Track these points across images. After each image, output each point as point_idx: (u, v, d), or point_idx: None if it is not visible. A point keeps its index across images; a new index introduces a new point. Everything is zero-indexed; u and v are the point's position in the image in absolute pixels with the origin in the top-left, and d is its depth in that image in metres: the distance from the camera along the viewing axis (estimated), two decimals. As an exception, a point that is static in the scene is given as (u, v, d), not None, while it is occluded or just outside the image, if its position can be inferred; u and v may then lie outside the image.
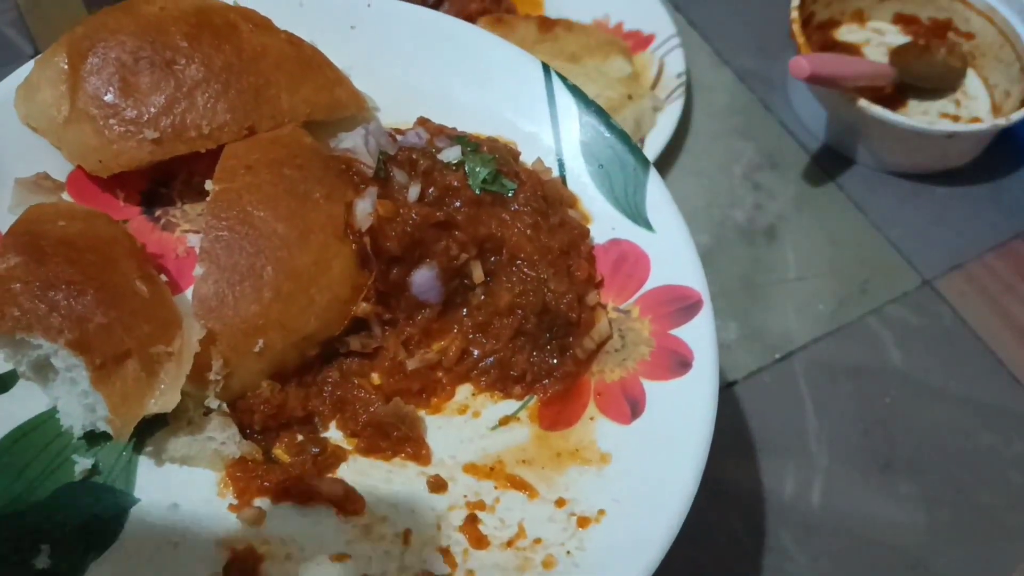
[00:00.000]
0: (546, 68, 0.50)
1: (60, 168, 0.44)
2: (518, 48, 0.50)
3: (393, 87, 0.50)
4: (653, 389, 0.44)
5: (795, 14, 0.76)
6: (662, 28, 0.79)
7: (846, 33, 0.85)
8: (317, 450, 0.42)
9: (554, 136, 0.50)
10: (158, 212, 0.46)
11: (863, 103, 0.72)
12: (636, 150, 0.49)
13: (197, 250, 0.44)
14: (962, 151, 0.77)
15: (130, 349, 0.37)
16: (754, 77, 0.83)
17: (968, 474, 0.63)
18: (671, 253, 0.46)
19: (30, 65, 0.44)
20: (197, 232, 0.47)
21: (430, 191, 0.44)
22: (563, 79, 0.50)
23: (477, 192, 0.45)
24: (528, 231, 0.45)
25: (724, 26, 0.85)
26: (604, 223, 0.48)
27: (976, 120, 0.79)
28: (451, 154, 0.46)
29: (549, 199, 0.47)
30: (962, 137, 0.73)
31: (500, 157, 0.46)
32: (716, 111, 0.77)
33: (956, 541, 0.60)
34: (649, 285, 0.46)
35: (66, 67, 0.43)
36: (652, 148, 0.73)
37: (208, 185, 0.42)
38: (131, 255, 0.40)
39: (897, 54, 0.82)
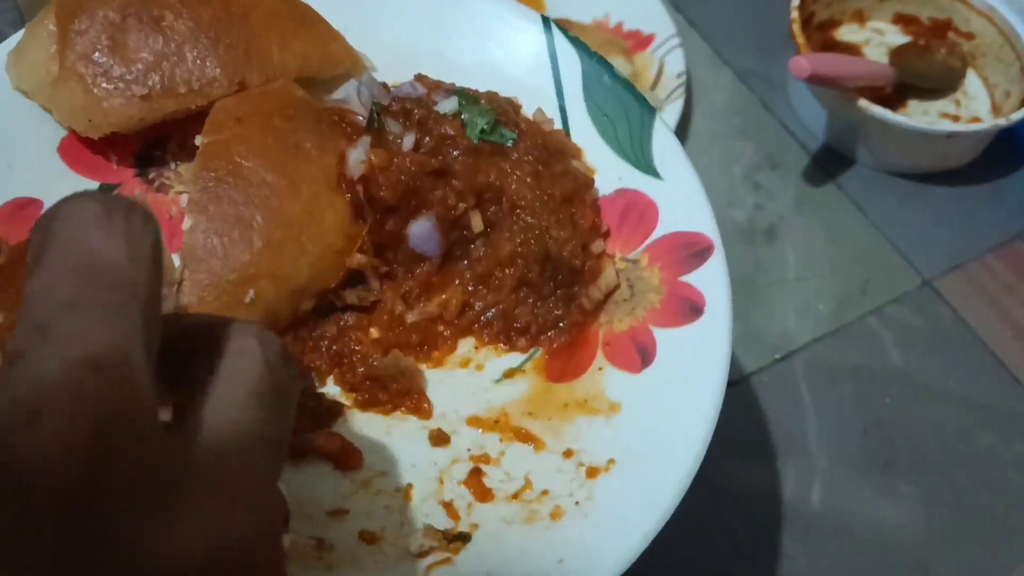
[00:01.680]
0: (546, 21, 0.49)
1: (53, 132, 0.44)
2: (517, 3, 0.49)
3: (390, 46, 0.48)
4: (664, 336, 0.42)
5: (795, 14, 0.76)
6: (662, 28, 0.79)
7: (846, 33, 0.85)
8: (314, 405, 0.41)
9: (556, 88, 0.48)
10: (152, 174, 0.46)
11: (863, 103, 0.72)
12: (640, 97, 0.47)
13: None
14: (962, 151, 0.77)
15: None
16: (754, 77, 0.83)
17: (968, 474, 0.63)
18: (680, 200, 0.44)
19: (22, 32, 0.45)
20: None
21: (425, 140, 0.43)
22: (563, 31, 0.48)
23: (475, 142, 0.43)
24: (529, 179, 0.43)
25: (724, 26, 0.85)
26: (609, 173, 0.46)
27: (976, 120, 0.79)
28: (447, 105, 0.44)
29: (551, 149, 0.45)
30: (962, 137, 0.73)
31: (499, 108, 0.45)
32: (716, 111, 0.77)
33: (956, 541, 0.60)
34: (657, 233, 0.45)
35: (54, 28, 0.42)
36: None
37: (198, 140, 0.41)
38: None
39: (897, 54, 0.82)
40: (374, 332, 0.43)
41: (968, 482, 0.62)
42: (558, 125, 0.47)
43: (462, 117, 0.43)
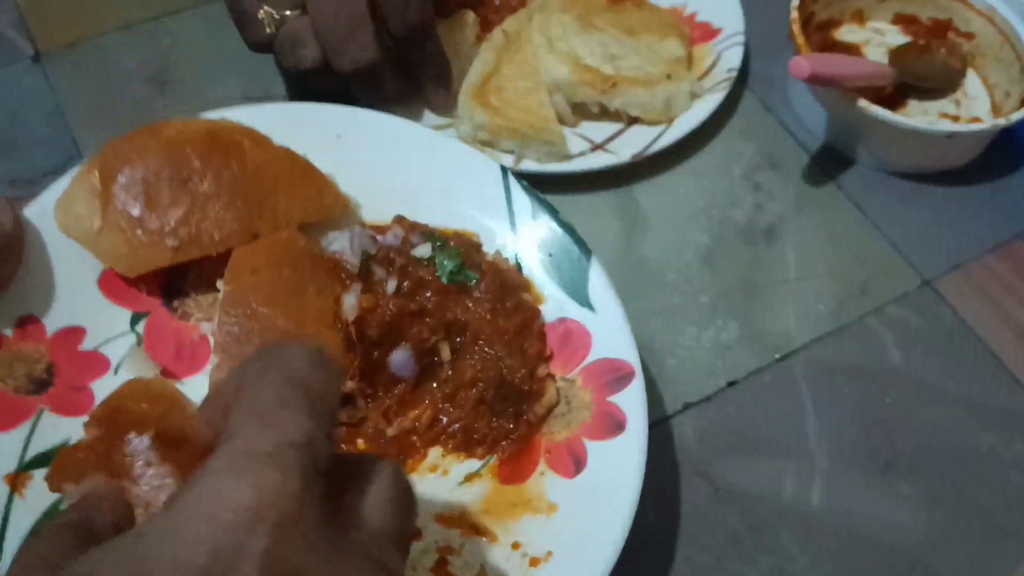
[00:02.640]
0: (504, 170, 0.58)
1: (93, 266, 0.53)
2: (480, 154, 0.59)
3: (373, 187, 0.57)
4: (593, 447, 0.51)
5: (795, 14, 0.76)
6: (731, 24, 0.81)
7: (846, 33, 0.85)
8: None
9: (512, 229, 0.57)
10: (175, 303, 0.55)
11: (863, 103, 0.72)
12: (580, 241, 0.56)
13: (209, 336, 0.54)
14: (962, 151, 0.77)
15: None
16: (754, 77, 0.83)
17: (968, 474, 0.63)
18: (609, 331, 0.54)
19: (66, 180, 0.53)
20: (208, 320, 0.54)
21: (405, 284, 0.52)
22: (519, 180, 0.58)
23: (445, 282, 0.53)
24: (488, 315, 0.53)
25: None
26: (554, 304, 0.56)
27: (976, 120, 0.79)
28: (423, 250, 0.54)
29: (506, 286, 0.55)
30: (962, 137, 0.73)
31: (465, 251, 0.55)
32: (716, 111, 0.77)
33: (956, 541, 0.60)
34: (590, 358, 0.54)
35: (99, 185, 0.50)
36: (679, 130, 0.74)
37: (219, 284, 0.51)
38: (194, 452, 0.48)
39: (897, 54, 0.82)
40: (360, 444, 0.52)
41: (968, 482, 0.63)
42: (512, 260, 0.57)
43: (435, 261, 0.53)
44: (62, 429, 0.50)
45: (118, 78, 0.79)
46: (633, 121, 0.76)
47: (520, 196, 0.57)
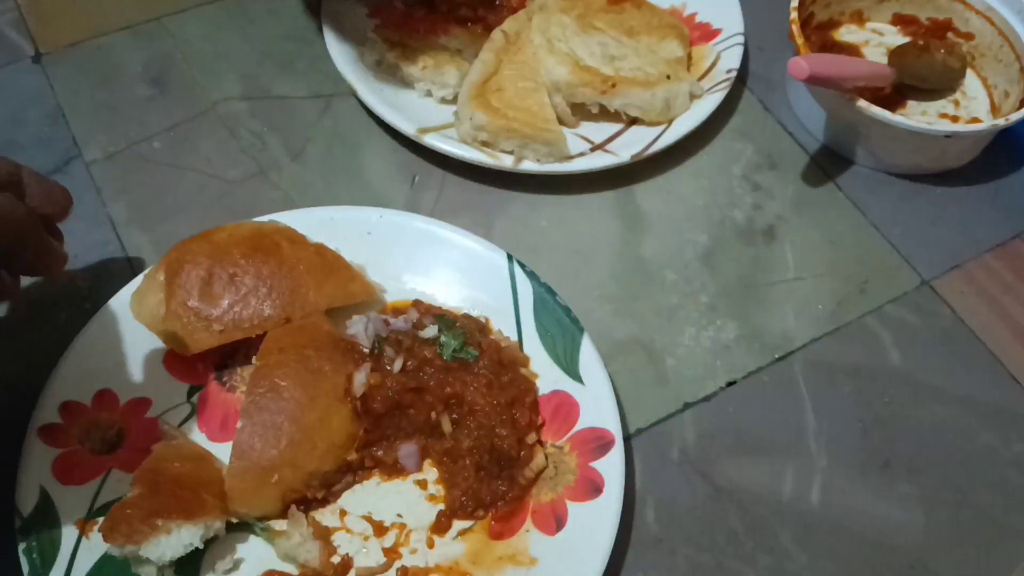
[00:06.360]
0: (509, 256, 0.66)
1: (160, 347, 0.62)
2: (489, 243, 0.67)
3: (397, 276, 0.67)
4: (574, 508, 0.57)
5: (794, 15, 0.77)
6: (730, 25, 0.81)
7: (845, 34, 0.85)
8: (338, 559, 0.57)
9: (515, 308, 0.65)
10: (225, 377, 0.63)
11: (862, 103, 0.72)
12: (575, 320, 0.63)
13: None
14: (961, 151, 0.77)
15: None
16: (754, 77, 0.83)
17: (967, 474, 0.63)
18: (595, 402, 0.60)
19: (140, 278, 0.63)
20: None
21: (410, 363, 0.60)
22: (521, 265, 0.66)
23: (447, 359, 0.60)
24: (484, 389, 0.59)
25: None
26: (548, 377, 0.62)
27: (975, 120, 0.79)
28: (430, 332, 0.62)
29: (504, 362, 0.62)
30: (961, 137, 0.74)
31: (468, 331, 0.62)
32: (715, 111, 0.77)
33: (955, 541, 0.60)
34: (578, 427, 0.60)
35: (163, 281, 0.61)
36: (678, 130, 0.75)
37: (254, 360, 0.60)
38: (217, 492, 0.56)
39: (896, 54, 0.82)
40: None
41: (968, 482, 0.63)
42: (514, 338, 0.64)
43: (440, 341, 0.61)
44: (126, 484, 0.56)
45: (118, 78, 0.79)
46: (633, 121, 0.76)
47: (522, 278, 0.65)
